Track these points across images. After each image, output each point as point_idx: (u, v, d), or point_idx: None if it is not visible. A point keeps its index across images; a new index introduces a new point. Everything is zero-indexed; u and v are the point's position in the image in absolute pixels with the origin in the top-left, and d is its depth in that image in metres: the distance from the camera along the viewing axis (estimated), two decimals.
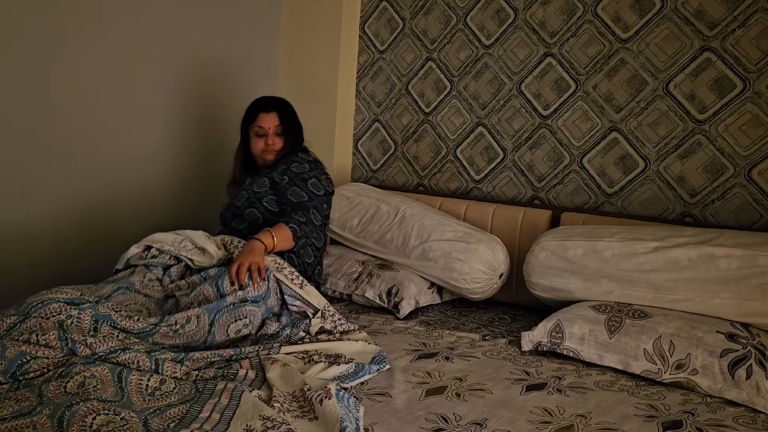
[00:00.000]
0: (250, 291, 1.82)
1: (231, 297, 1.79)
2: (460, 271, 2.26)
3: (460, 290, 2.32)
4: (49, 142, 2.31)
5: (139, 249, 2.00)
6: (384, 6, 2.97)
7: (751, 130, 2.16)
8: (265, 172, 2.23)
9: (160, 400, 1.37)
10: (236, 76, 2.93)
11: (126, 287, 1.84)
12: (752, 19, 2.14)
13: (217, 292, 1.81)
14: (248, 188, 2.23)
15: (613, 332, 1.81)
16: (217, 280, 1.83)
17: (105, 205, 2.52)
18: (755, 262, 1.80)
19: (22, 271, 2.28)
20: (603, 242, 2.01)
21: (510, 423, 1.41)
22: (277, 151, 2.24)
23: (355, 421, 1.33)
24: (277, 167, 2.22)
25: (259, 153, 2.26)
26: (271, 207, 2.20)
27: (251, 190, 2.22)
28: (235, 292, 1.80)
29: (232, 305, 1.78)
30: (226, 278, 1.83)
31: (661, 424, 1.45)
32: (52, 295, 1.62)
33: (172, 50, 2.67)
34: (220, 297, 1.79)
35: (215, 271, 1.88)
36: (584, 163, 2.48)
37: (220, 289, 1.81)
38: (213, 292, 1.81)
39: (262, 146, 2.24)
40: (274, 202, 2.20)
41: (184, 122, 2.76)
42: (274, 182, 2.20)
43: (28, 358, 1.42)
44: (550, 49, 2.54)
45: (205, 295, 1.81)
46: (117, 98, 2.51)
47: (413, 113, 2.92)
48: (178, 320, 1.70)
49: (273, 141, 2.23)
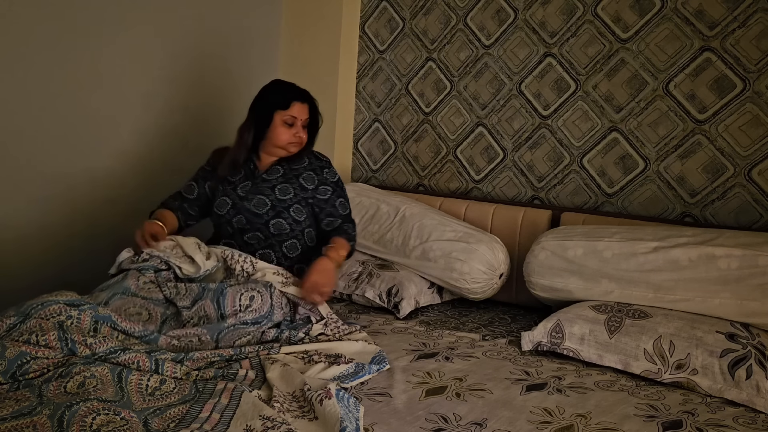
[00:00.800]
0: (250, 314, 1.80)
1: (232, 319, 1.77)
2: (460, 271, 2.26)
3: (460, 290, 2.32)
4: (49, 142, 2.31)
5: (130, 253, 1.97)
6: (384, 6, 2.97)
7: (751, 130, 2.16)
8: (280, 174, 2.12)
9: (160, 400, 1.37)
10: (236, 76, 2.93)
11: (122, 292, 1.81)
12: (752, 19, 2.14)
13: (218, 310, 1.80)
14: (267, 193, 2.09)
15: (613, 332, 1.81)
16: (219, 297, 1.81)
17: (105, 205, 2.52)
18: (755, 262, 1.80)
19: (21, 272, 2.28)
20: (603, 242, 2.01)
21: (510, 423, 1.41)
22: (302, 145, 2.15)
23: (355, 421, 1.32)
24: (290, 167, 2.13)
25: (283, 144, 2.11)
26: (298, 216, 2.10)
27: (274, 196, 2.09)
28: (236, 315, 1.78)
29: (233, 326, 1.77)
30: (228, 296, 1.81)
31: (661, 424, 1.45)
32: (52, 297, 1.62)
33: (172, 50, 2.67)
34: (220, 317, 1.78)
35: (216, 285, 1.86)
36: (584, 163, 2.48)
37: (221, 307, 1.80)
38: (214, 310, 1.80)
39: (290, 137, 2.10)
40: (300, 211, 2.10)
41: (184, 123, 2.76)
42: (302, 189, 2.11)
43: (28, 359, 1.42)
44: (550, 49, 2.54)
45: (206, 311, 1.80)
46: (117, 99, 2.51)
47: (413, 113, 2.92)
48: (179, 336, 1.69)
49: (302, 134, 2.12)
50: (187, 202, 2.20)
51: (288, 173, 2.16)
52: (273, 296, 1.88)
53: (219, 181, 2.18)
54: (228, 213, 2.12)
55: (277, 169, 2.16)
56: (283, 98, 2.10)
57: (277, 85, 2.16)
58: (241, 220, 2.10)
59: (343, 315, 2.18)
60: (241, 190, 2.13)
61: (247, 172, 2.16)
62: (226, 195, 2.14)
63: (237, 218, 2.11)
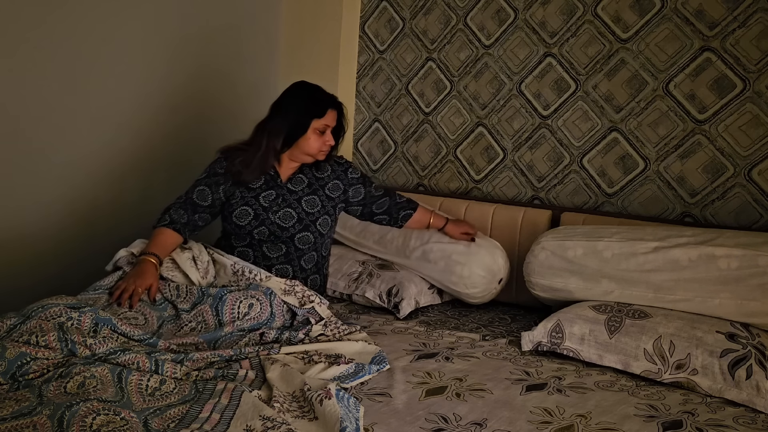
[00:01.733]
0: (248, 322, 1.79)
1: (229, 327, 1.76)
2: (459, 275, 2.26)
3: (459, 294, 2.32)
4: (49, 143, 2.31)
5: (128, 252, 1.96)
6: (384, 6, 2.97)
7: (751, 130, 2.16)
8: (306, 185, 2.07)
9: (160, 401, 1.37)
10: (236, 76, 2.93)
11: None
12: (752, 19, 2.14)
13: (216, 317, 1.79)
14: (294, 206, 2.03)
15: (613, 332, 1.81)
16: (218, 303, 1.80)
17: (105, 205, 2.52)
18: (755, 262, 1.80)
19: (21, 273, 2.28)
20: (603, 242, 2.01)
21: (510, 423, 1.41)
22: (329, 152, 2.08)
23: (355, 421, 1.33)
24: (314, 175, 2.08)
25: (314, 152, 2.03)
26: (323, 229, 2.06)
27: (301, 209, 2.03)
28: (233, 322, 1.76)
29: (230, 334, 1.76)
30: (227, 303, 1.79)
31: (661, 424, 1.45)
32: (52, 301, 1.62)
33: (172, 50, 2.67)
34: (218, 324, 1.77)
35: (216, 291, 1.84)
36: (584, 163, 2.48)
37: (220, 314, 1.78)
38: (212, 317, 1.79)
39: (321, 146, 2.02)
40: (326, 223, 2.06)
41: (185, 124, 2.76)
42: (328, 199, 2.07)
43: (28, 359, 1.42)
44: (550, 49, 2.54)
45: (204, 316, 1.79)
46: (117, 99, 2.50)
47: (413, 113, 2.92)
48: (178, 344, 1.68)
49: (332, 141, 2.04)
50: (199, 212, 2.04)
51: (313, 183, 2.09)
52: (273, 304, 1.86)
53: (237, 185, 2.06)
54: (250, 224, 2.03)
55: (301, 178, 2.09)
56: (319, 106, 2.01)
57: (310, 91, 2.06)
58: (263, 231, 2.03)
59: (343, 315, 2.18)
60: (264, 200, 2.04)
61: (268, 179, 2.07)
62: (247, 204, 2.04)
63: (259, 230, 2.03)
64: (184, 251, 1.99)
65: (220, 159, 2.10)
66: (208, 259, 2.00)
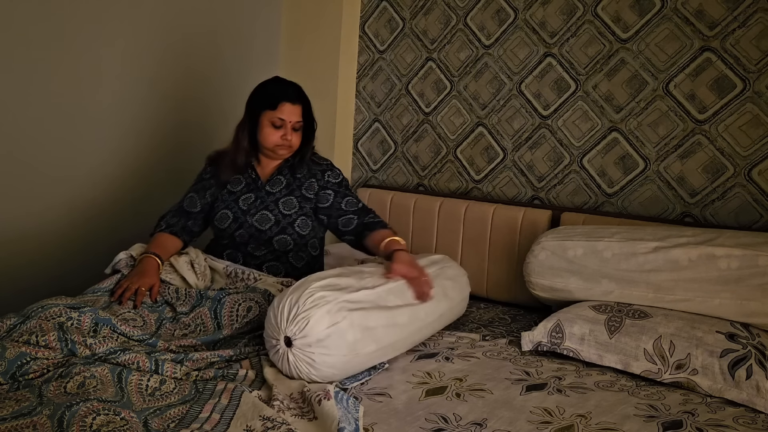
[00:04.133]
0: (247, 325, 1.78)
1: (227, 330, 1.75)
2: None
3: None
4: (49, 144, 2.31)
5: (127, 255, 1.96)
6: (384, 6, 2.97)
7: (751, 130, 2.16)
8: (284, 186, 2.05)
9: (160, 401, 1.37)
10: (236, 76, 2.93)
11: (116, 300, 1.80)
12: (752, 19, 2.14)
13: (214, 320, 1.78)
14: (270, 208, 2.01)
15: (613, 332, 1.81)
16: (216, 306, 1.80)
17: (105, 206, 2.52)
18: (755, 262, 1.80)
19: (20, 274, 2.28)
20: (603, 242, 2.01)
21: (510, 423, 1.41)
22: (293, 149, 2.05)
23: (355, 421, 1.33)
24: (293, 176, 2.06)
25: (270, 146, 2.02)
26: (302, 230, 2.02)
27: (278, 211, 2.01)
28: (232, 326, 1.76)
29: (229, 337, 1.75)
30: (225, 307, 1.78)
31: (661, 424, 1.45)
32: (52, 301, 1.62)
33: (172, 51, 2.67)
34: (217, 327, 1.77)
35: (214, 294, 1.84)
36: (584, 163, 2.48)
37: (218, 317, 1.78)
38: (211, 320, 1.78)
39: (277, 140, 2.00)
40: (305, 224, 2.03)
41: (184, 125, 2.76)
42: (305, 199, 2.04)
43: (28, 359, 1.42)
44: (550, 49, 2.54)
45: (203, 319, 1.78)
46: (117, 100, 2.51)
47: (413, 113, 2.92)
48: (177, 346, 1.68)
49: (291, 137, 2.01)
50: (191, 219, 2.09)
51: (291, 184, 2.07)
52: None
53: (220, 188, 2.10)
54: (229, 227, 2.04)
55: (279, 179, 2.08)
56: (271, 97, 2.00)
57: (270, 84, 2.06)
58: (243, 234, 2.03)
59: None
60: (243, 203, 2.05)
61: (249, 182, 2.09)
62: (228, 207, 2.06)
63: (239, 232, 2.03)
64: (182, 255, 2.01)
65: (206, 165, 2.18)
66: (205, 264, 2.00)
